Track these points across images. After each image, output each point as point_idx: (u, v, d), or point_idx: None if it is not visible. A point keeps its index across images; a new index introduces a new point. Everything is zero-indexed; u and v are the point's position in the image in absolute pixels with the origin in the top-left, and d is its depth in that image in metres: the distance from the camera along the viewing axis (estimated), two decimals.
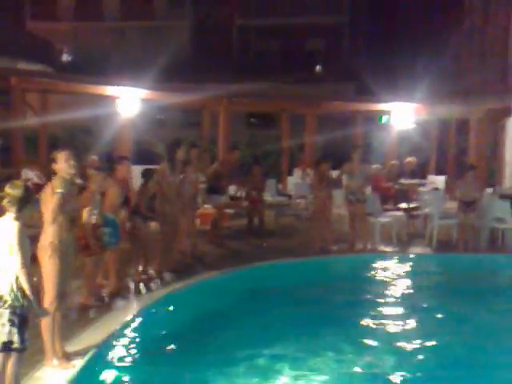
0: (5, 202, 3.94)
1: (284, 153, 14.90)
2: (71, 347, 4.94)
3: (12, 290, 3.87)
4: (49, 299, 4.65)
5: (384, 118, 14.73)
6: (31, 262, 4.03)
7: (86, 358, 4.78)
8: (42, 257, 4.72)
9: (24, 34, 20.40)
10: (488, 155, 15.36)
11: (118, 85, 11.37)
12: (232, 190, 11.14)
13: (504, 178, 14.94)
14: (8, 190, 3.97)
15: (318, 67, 25.57)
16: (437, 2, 24.22)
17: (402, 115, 14.36)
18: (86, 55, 24.59)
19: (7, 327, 3.85)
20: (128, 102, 11.25)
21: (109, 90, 11.42)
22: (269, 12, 25.24)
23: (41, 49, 17.47)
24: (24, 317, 3.93)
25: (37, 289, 4.34)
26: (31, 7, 24.83)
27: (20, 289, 3.87)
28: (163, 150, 8.65)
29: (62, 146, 14.67)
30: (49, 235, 4.71)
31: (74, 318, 5.70)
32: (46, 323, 4.64)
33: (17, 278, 3.86)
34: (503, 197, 10.42)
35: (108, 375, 4.74)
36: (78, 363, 4.67)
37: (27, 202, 3.97)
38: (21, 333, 3.89)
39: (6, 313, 3.86)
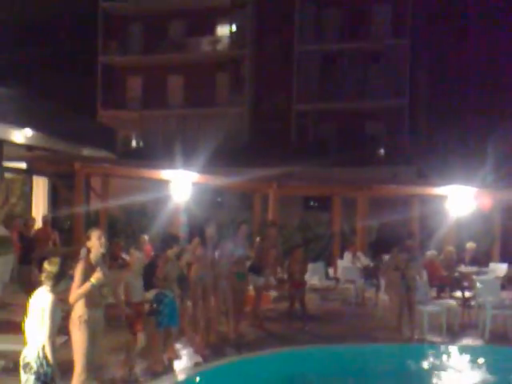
0: (42, 276, 4.35)
1: (335, 236, 14.78)
2: None
3: (38, 358, 4.15)
4: (78, 370, 4.96)
5: None
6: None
7: None
8: (72, 330, 5.02)
9: (92, 122, 22.27)
10: None
11: (170, 169, 11.96)
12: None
13: None
14: (46, 266, 4.40)
15: (380, 151, 25.39)
16: (505, 78, 23.47)
17: (462, 200, 13.82)
18: (150, 141, 26.29)
19: None
20: (180, 185, 11.79)
21: (162, 174, 12.08)
22: (327, 97, 25.66)
23: (106, 136, 18.90)
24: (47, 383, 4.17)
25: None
26: (102, 97, 27.39)
27: (45, 357, 4.15)
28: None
29: (121, 226, 15.30)
30: (78, 310, 5.03)
31: None
32: None
33: (43, 347, 4.15)
34: None
35: None
36: None
37: (61, 278, 4.37)
38: None
39: (32, 378, 4.15)
